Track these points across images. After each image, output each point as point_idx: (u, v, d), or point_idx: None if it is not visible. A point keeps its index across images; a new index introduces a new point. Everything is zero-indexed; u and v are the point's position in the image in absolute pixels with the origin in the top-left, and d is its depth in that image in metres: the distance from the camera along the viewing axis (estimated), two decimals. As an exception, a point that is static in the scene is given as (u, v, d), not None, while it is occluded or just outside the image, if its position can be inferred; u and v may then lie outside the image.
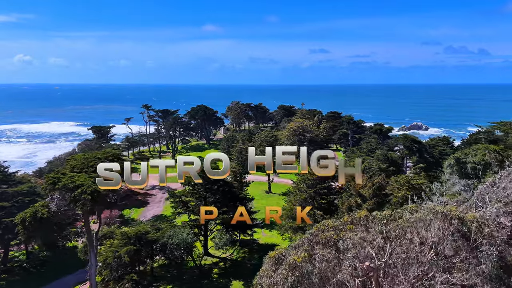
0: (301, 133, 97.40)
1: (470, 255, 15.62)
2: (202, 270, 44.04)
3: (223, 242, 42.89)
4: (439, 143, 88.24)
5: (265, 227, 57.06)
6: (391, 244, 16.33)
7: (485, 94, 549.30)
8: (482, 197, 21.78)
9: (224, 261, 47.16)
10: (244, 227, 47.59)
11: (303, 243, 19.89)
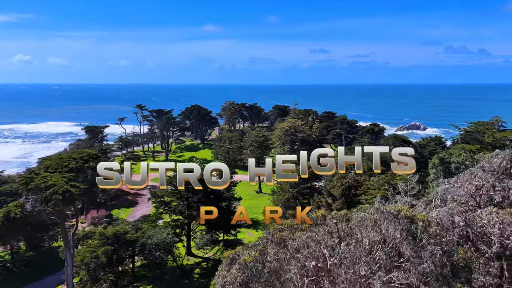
0: (292, 133, 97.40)
1: (415, 255, 15.69)
2: (183, 270, 44.13)
3: (203, 242, 42.96)
4: (430, 143, 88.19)
5: (250, 227, 57.08)
6: (339, 243, 16.41)
7: (485, 94, 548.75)
8: (444, 196, 21.89)
9: (207, 261, 47.25)
10: (228, 227, 47.67)
11: (260, 242, 20.00)
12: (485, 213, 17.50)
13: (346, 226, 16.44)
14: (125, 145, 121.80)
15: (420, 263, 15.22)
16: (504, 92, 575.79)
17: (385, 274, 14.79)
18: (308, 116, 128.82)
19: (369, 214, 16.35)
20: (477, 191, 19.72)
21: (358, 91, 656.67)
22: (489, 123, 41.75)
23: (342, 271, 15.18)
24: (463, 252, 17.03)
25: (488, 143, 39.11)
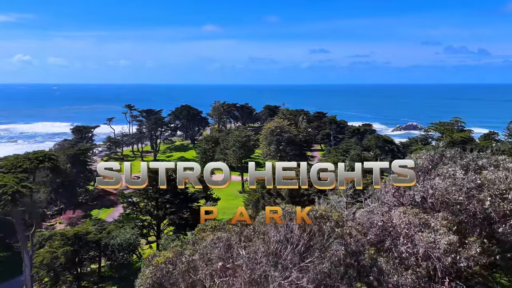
0: (278, 133, 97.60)
1: (319, 255, 15.72)
2: (150, 270, 44.07)
3: (168, 243, 42.88)
4: (414, 143, 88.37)
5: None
6: (244, 244, 16.45)
7: (485, 94, 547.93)
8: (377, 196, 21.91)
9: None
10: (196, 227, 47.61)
11: (180, 243, 20.10)
12: (396, 213, 17.54)
13: (254, 226, 16.47)
14: (114, 145, 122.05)
15: (321, 263, 15.25)
16: (504, 92, 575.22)
17: (282, 274, 14.81)
18: (297, 116, 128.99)
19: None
20: (398, 191, 19.73)
21: (357, 91, 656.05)
22: (449, 124, 41.74)
23: (247, 271, 15.21)
24: (372, 252, 17.08)
25: (446, 143, 39.19)
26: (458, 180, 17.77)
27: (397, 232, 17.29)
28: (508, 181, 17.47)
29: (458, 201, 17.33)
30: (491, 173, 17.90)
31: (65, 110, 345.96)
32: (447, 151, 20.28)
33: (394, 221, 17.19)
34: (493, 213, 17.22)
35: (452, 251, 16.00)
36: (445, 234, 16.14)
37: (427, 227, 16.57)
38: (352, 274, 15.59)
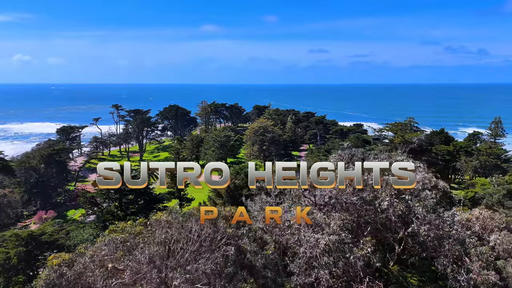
0: (261, 133, 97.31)
1: (207, 255, 15.51)
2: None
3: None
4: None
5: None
6: (142, 246, 16.23)
7: (484, 94, 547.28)
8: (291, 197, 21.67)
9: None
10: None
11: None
12: (299, 213, 17.28)
13: (145, 228, 16.28)
14: (102, 145, 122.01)
15: (205, 263, 15.02)
16: (503, 92, 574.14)
17: (162, 273, 14.59)
18: (286, 116, 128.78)
19: (165, 216, 16.17)
20: (310, 192, 19.49)
21: (356, 91, 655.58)
22: (403, 124, 41.52)
23: (132, 273, 14.99)
24: (270, 252, 16.86)
25: (397, 143, 38.95)
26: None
27: (299, 232, 17.08)
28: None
29: (352, 201, 17.08)
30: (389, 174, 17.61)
31: (62, 110, 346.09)
32: (357, 151, 20.04)
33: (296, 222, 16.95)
34: (391, 214, 16.97)
35: (336, 250, 15.79)
36: (330, 234, 15.90)
37: (320, 227, 16.32)
38: (242, 274, 15.35)
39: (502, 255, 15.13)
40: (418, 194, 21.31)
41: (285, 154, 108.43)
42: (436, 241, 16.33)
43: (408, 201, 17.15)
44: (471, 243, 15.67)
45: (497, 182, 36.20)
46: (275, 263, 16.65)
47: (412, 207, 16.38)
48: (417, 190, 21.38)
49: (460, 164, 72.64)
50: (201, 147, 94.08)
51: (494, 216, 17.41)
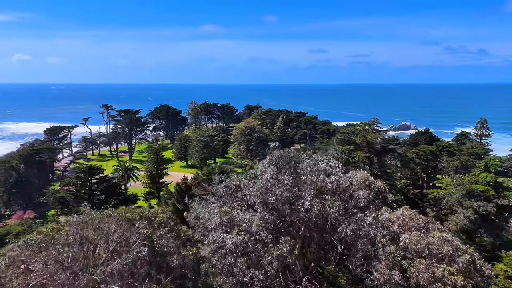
0: (248, 133, 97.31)
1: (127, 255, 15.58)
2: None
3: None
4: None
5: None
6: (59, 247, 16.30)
7: (483, 94, 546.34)
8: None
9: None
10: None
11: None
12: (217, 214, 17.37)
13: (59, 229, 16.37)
14: (92, 145, 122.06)
15: (119, 263, 15.08)
16: (503, 92, 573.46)
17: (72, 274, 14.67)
18: (277, 117, 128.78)
19: (75, 218, 16.26)
20: (236, 193, 19.56)
21: (356, 91, 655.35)
22: (366, 124, 41.56)
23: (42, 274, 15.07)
24: (189, 253, 16.93)
25: (358, 144, 38.94)
26: (269, 182, 17.54)
27: (214, 232, 17.15)
28: (321, 180, 17.22)
29: (270, 201, 17.13)
30: (308, 175, 17.63)
31: (61, 110, 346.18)
32: (288, 152, 20.09)
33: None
34: (314, 216, 16.98)
35: (255, 251, 15.88)
36: (243, 234, 15.95)
37: (237, 227, 16.37)
38: (154, 274, 15.42)
39: (408, 255, 15.13)
40: (352, 194, 21.36)
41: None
42: (352, 242, 16.37)
43: (326, 201, 17.12)
44: (381, 243, 15.66)
45: (457, 182, 36.20)
46: (196, 263, 16.70)
47: (327, 208, 16.36)
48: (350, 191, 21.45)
49: (442, 164, 72.52)
50: (189, 147, 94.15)
51: (414, 216, 17.40)
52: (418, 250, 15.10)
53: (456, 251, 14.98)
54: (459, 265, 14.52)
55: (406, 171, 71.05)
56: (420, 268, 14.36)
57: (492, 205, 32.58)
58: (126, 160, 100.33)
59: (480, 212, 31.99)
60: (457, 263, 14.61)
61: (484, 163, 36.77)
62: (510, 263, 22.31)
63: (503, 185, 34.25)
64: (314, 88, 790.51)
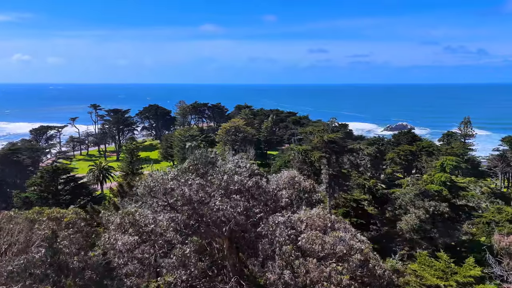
0: (233, 133, 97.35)
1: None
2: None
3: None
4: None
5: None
6: None
7: (483, 94, 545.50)
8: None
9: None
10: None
11: None
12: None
13: None
14: (80, 145, 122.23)
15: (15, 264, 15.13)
16: (503, 92, 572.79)
17: None
18: (264, 116, 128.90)
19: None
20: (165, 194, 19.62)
21: (355, 91, 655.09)
22: (325, 124, 41.60)
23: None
24: (94, 254, 16.96)
25: (315, 143, 39.01)
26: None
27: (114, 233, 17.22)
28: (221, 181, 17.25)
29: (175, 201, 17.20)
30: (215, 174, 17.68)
31: (58, 110, 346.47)
32: (207, 153, 20.18)
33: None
34: (224, 215, 16.99)
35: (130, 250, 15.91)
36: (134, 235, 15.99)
37: (138, 227, 16.41)
38: (52, 275, 15.43)
39: (304, 254, 15.16)
40: (275, 194, 21.41)
41: (260, 153, 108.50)
42: (254, 241, 16.43)
43: (239, 200, 17.14)
44: (279, 243, 15.68)
45: (412, 182, 36.23)
46: (100, 264, 16.70)
47: (229, 208, 16.38)
48: (275, 190, 21.49)
49: (421, 164, 72.73)
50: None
51: (323, 216, 17.40)
52: (313, 249, 15.12)
53: (350, 251, 15.00)
54: (349, 265, 14.54)
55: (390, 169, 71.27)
56: (309, 267, 14.38)
57: (446, 204, 32.54)
58: (102, 160, 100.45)
59: (431, 212, 31.98)
60: (349, 263, 14.63)
61: (439, 163, 36.74)
62: (423, 263, 22.30)
63: (458, 185, 34.22)
64: (314, 88, 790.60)
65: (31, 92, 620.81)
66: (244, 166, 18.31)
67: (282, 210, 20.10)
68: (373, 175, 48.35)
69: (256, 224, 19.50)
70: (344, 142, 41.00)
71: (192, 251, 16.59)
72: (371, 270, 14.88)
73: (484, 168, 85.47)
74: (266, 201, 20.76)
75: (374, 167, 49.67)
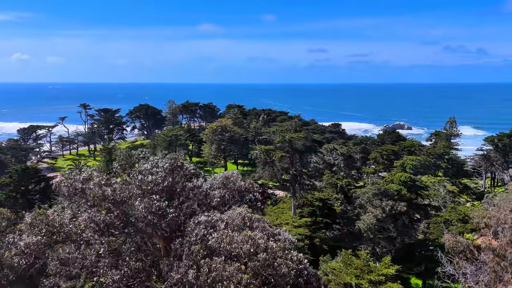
0: (220, 133, 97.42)
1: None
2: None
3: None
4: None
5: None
6: None
7: (482, 94, 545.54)
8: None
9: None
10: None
11: None
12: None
13: None
14: (69, 144, 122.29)
15: None
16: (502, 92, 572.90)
17: None
18: (254, 116, 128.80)
19: None
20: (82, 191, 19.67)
21: (355, 91, 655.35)
22: (289, 124, 41.85)
23: None
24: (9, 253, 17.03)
25: (276, 143, 39.16)
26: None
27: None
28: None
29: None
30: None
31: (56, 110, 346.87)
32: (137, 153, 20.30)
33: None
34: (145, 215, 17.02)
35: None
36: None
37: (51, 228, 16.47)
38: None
39: (213, 253, 15.24)
40: (208, 193, 21.46)
41: (247, 153, 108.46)
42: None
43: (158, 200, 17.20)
44: (189, 242, 15.74)
45: (371, 181, 36.31)
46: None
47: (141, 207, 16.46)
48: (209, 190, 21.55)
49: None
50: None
51: (244, 215, 17.46)
52: (222, 249, 15.19)
53: (256, 249, 15.08)
54: (254, 264, 14.61)
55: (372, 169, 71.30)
56: (213, 266, 14.46)
57: (404, 204, 32.61)
58: (82, 160, 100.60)
59: (387, 211, 32.03)
60: (253, 262, 14.70)
61: (400, 162, 36.79)
62: (345, 261, 22.34)
63: (419, 185, 34.27)
64: (314, 88, 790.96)
65: (30, 91, 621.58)
66: (162, 166, 18.39)
67: (214, 210, 20.20)
68: (347, 174, 48.43)
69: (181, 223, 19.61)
70: (309, 141, 41.03)
71: (106, 251, 16.61)
72: (276, 268, 14.98)
73: (469, 168, 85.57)
74: (199, 201, 20.88)
75: (348, 167, 49.73)
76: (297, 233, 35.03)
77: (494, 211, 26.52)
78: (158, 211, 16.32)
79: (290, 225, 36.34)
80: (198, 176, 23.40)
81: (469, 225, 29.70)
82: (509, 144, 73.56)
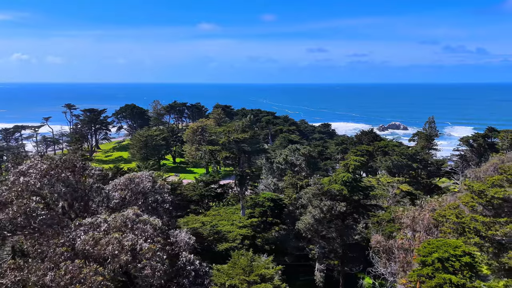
0: (200, 133, 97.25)
1: None
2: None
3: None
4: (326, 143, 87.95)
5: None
6: None
7: (481, 94, 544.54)
8: None
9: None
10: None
11: None
12: None
13: None
14: (54, 144, 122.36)
15: None
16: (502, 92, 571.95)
17: None
18: (241, 116, 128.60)
19: None
20: None
21: (354, 91, 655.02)
22: (238, 124, 41.84)
23: None
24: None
25: (222, 143, 38.93)
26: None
27: None
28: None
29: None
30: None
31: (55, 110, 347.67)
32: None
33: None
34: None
35: None
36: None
37: None
38: None
39: (77, 255, 15.18)
40: (108, 195, 21.30)
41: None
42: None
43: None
44: (55, 244, 15.67)
45: (313, 181, 36.15)
46: None
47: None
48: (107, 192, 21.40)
49: (376, 164, 72.77)
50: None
51: (126, 217, 17.38)
52: (85, 250, 15.10)
53: (121, 251, 14.98)
54: (113, 265, 14.51)
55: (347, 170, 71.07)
56: (70, 269, 14.37)
57: (344, 204, 32.42)
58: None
59: (325, 211, 31.86)
60: (113, 263, 14.61)
61: (344, 163, 36.61)
62: (234, 261, 22.18)
63: (361, 185, 34.08)
64: (313, 88, 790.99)
65: (29, 91, 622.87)
66: (39, 168, 18.31)
67: (114, 211, 20.07)
68: (309, 174, 48.26)
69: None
70: (256, 141, 40.92)
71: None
72: (139, 269, 14.87)
73: (448, 168, 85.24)
74: (99, 203, 20.75)
75: (310, 167, 49.55)
76: (238, 233, 34.85)
77: (411, 211, 26.55)
78: (31, 213, 16.21)
79: (234, 225, 36.16)
80: (105, 177, 23.30)
81: (396, 225, 29.56)
82: (483, 145, 73.27)
